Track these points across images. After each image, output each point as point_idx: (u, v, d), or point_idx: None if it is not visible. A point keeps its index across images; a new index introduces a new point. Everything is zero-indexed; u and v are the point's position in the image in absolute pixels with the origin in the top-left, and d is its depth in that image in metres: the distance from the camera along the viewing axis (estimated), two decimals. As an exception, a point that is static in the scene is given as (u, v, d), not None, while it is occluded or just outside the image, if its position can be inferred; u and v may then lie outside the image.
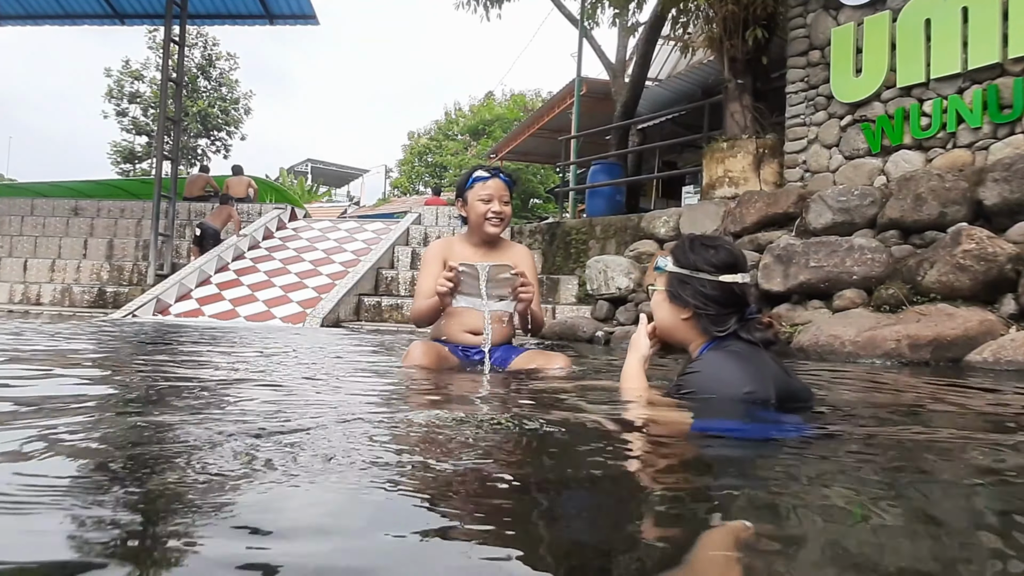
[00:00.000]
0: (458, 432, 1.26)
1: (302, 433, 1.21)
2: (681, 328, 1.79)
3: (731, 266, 1.73)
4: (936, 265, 4.57)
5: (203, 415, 1.42)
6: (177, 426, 1.26)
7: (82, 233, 11.60)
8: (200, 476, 0.91)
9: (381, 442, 1.18)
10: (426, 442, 1.20)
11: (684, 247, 1.79)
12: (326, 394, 1.95)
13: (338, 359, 3.44)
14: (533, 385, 2.22)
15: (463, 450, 1.13)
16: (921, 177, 5.12)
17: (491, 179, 2.79)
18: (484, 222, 2.80)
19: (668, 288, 1.78)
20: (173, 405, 1.60)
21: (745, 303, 1.74)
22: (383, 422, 1.38)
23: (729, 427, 1.47)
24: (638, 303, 6.56)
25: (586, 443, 1.28)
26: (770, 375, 1.62)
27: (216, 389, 1.91)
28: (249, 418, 1.38)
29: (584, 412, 1.61)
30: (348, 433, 1.23)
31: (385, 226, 11.82)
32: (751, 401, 1.56)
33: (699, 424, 1.48)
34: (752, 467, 1.15)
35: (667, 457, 1.22)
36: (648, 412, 1.65)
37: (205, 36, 29.38)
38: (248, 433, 1.19)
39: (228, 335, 5.12)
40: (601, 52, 13.64)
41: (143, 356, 3.18)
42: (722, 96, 7.81)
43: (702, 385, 1.63)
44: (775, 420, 1.53)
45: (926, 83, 5.93)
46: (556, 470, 1.08)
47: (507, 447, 1.19)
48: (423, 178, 35.36)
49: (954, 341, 4.11)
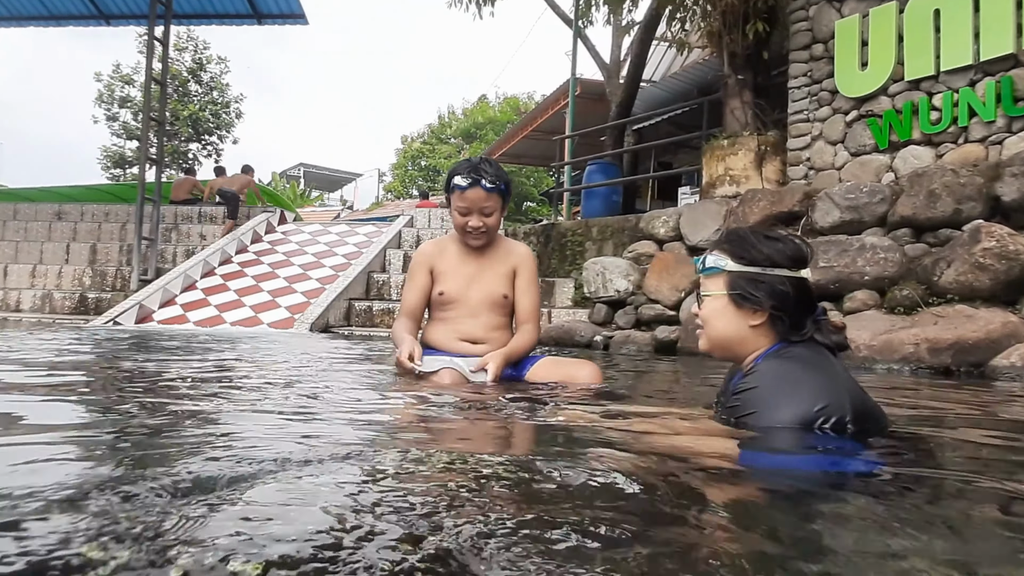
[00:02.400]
0: (467, 481, 0.99)
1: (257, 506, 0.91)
2: (747, 337, 1.52)
3: (803, 260, 1.49)
4: (953, 264, 4.34)
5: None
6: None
7: (65, 238, 11.29)
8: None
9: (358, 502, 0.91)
10: (442, 496, 0.90)
11: (748, 241, 1.52)
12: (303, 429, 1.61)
13: (324, 372, 3.17)
14: (553, 406, 1.87)
15: (468, 510, 0.85)
16: (934, 173, 4.89)
17: (469, 189, 2.42)
18: (464, 235, 2.53)
19: (733, 291, 1.52)
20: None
21: (815, 303, 1.50)
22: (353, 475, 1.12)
23: (790, 460, 1.20)
24: (637, 306, 6.32)
25: (594, 491, 1.02)
26: (845, 387, 1.37)
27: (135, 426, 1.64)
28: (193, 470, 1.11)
29: (612, 447, 1.33)
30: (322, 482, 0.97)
31: (377, 229, 11.56)
32: (823, 421, 1.31)
33: (750, 456, 1.20)
34: (813, 523, 0.89)
35: (697, 504, 0.96)
36: (681, 442, 1.36)
37: (196, 40, 29.06)
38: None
39: (204, 342, 4.85)
40: (595, 52, 13.42)
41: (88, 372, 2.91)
42: (721, 93, 7.58)
43: (764, 403, 1.36)
44: (852, 451, 1.26)
45: (936, 76, 5.71)
46: (550, 519, 0.82)
47: (520, 495, 0.94)
48: (416, 182, 35.08)
49: (976, 344, 3.88)
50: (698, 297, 1.65)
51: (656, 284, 6.20)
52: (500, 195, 2.48)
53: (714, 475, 1.09)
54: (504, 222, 2.69)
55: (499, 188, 2.46)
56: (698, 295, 1.65)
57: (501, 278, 2.56)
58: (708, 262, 1.58)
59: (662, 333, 5.62)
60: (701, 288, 1.64)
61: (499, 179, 2.45)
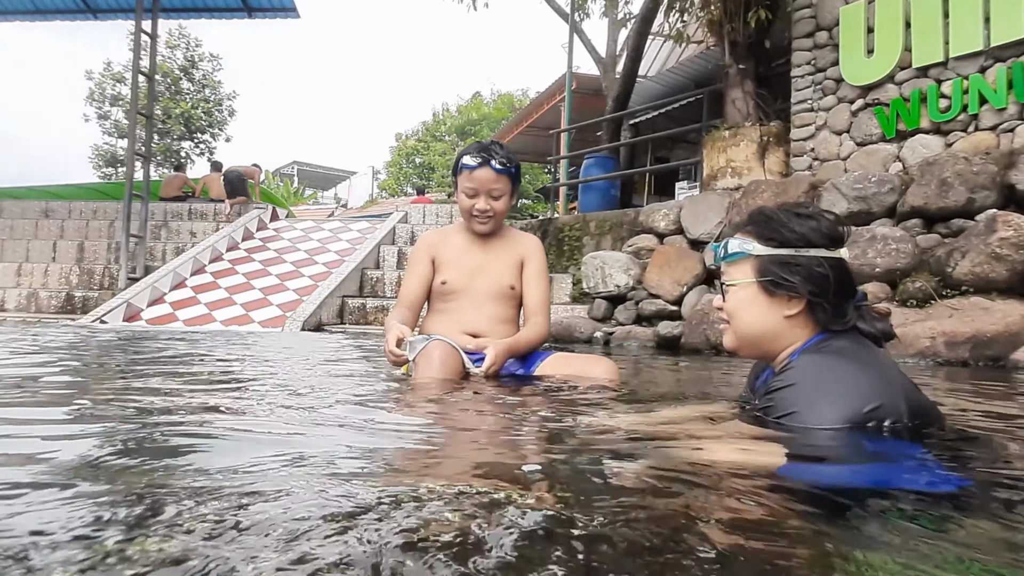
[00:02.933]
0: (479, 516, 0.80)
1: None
2: (782, 330, 1.33)
3: (840, 238, 1.31)
4: (968, 255, 4.18)
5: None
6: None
7: (52, 235, 11.05)
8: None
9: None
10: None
11: (777, 220, 1.33)
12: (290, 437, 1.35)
13: (310, 372, 2.99)
14: (570, 407, 1.68)
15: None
16: (946, 161, 4.73)
17: (478, 169, 2.31)
18: (471, 218, 2.38)
19: (763, 278, 1.32)
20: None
21: (856, 285, 1.32)
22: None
23: (841, 472, 1.01)
24: (638, 301, 6.15)
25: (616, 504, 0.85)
26: (898, 382, 1.19)
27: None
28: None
29: (631, 456, 1.15)
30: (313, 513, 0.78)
31: (371, 225, 11.36)
32: (876, 424, 1.13)
33: (794, 469, 1.02)
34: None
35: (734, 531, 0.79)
36: (716, 453, 1.15)
37: (187, 37, 28.75)
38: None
39: (186, 342, 4.66)
40: (591, 46, 13.24)
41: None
42: (722, 83, 7.41)
43: (805, 402, 1.18)
44: (919, 460, 1.07)
45: (944, 62, 5.54)
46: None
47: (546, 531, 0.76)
48: (411, 179, 34.85)
49: (995, 338, 3.72)
50: (721, 288, 1.46)
51: (657, 279, 6.03)
52: (510, 178, 2.35)
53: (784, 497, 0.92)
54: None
55: (509, 170, 2.34)
56: (721, 286, 1.46)
57: (508, 268, 2.41)
58: (731, 247, 1.39)
59: (665, 329, 5.45)
60: (724, 278, 1.45)
61: (510, 161, 2.34)
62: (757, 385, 1.58)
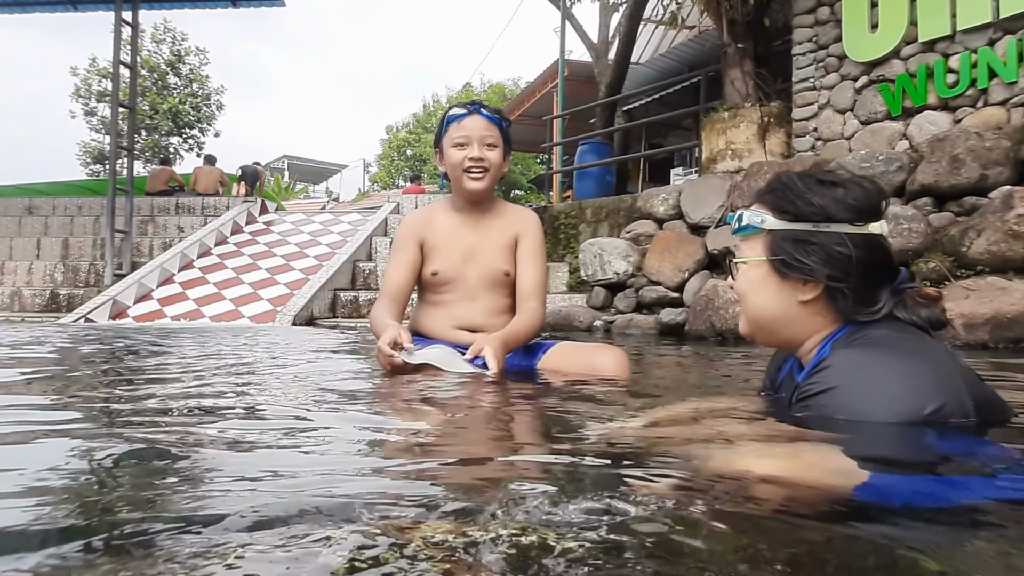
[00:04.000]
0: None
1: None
2: (798, 317, 1.15)
3: (876, 210, 1.10)
4: (984, 233, 4.02)
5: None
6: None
7: (35, 233, 10.80)
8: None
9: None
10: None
11: (793, 189, 1.13)
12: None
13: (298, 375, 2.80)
14: (578, 409, 1.46)
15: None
16: (957, 137, 4.56)
17: (467, 116, 2.13)
18: (463, 175, 2.13)
19: (774, 256, 1.14)
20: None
21: (895, 267, 1.12)
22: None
23: (935, 488, 0.83)
24: (638, 288, 5.98)
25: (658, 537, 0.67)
26: (960, 376, 1.01)
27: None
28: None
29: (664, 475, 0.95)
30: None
31: (362, 217, 11.15)
32: (940, 425, 0.95)
33: (876, 486, 0.83)
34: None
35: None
36: (780, 463, 0.93)
37: (173, 31, 28.34)
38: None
39: (171, 340, 4.47)
40: (583, 32, 13.04)
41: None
42: (721, 64, 7.22)
43: (850, 412, 1.00)
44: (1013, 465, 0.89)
45: (952, 36, 5.37)
46: None
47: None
48: (403, 172, 34.57)
49: (1016, 319, 3.57)
50: (729, 266, 1.28)
51: (657, 265, 5.86)
52: (500, 131, 2.17)
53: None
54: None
55: (500, 123, 2.17)
56: (729, 263, 1.28)
57: (502, 251, 2.18)
58: (744, 219, 1.20)
59: (667, 316, 5.28)
60: (736, 253, 1.27)
61: (499, 114, 2.19)
62: (779, 379, 1.40)
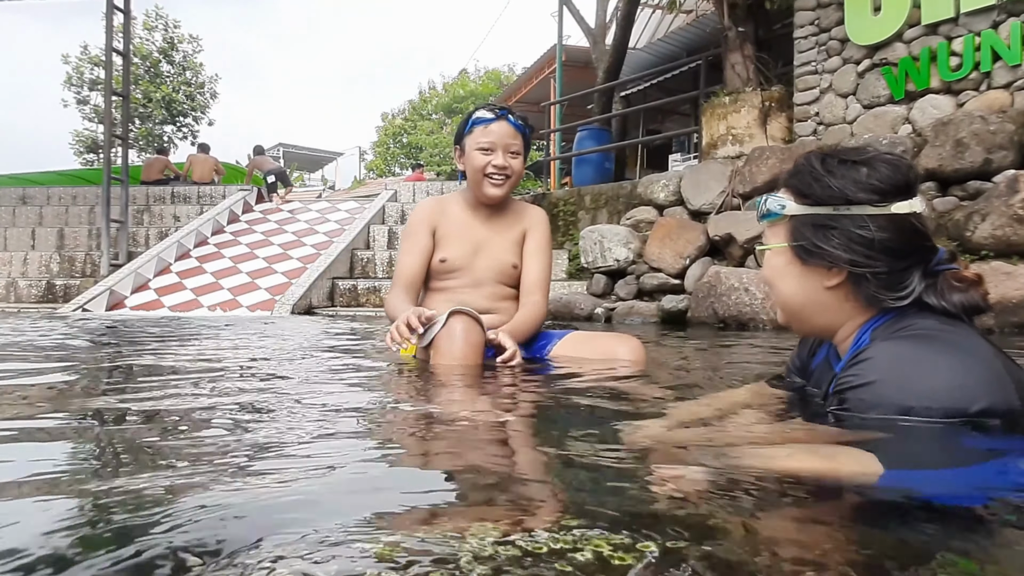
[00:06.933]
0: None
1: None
2: (827, 304, 1.12)
3: (904, 188, 1.05)
4: (989, 217, 3.99)
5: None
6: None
7: (30, 223, 10.72)
8: None
9: None
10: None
11: (812, 172, 1.10)
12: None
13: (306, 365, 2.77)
14: (600, 405, 1.44)
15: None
16: (961, 120, 4.52)
17: (495, 122, 2.13)
18: (483, 179, 2.15)
19: (796, 242, 1.11)
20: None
21: (931, 247, 1.08)
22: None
23: (976, 490, 0.80)
24: (639, 275, 5.95)
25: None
26: (1008, 372, 0.97)
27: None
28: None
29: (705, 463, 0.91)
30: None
31: (359, 205, 11.09)
32: (986, 425, 0.91)
33: (898, 477, 0.80)
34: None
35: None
36: (798, 460, 0.90)
37: (165, 18, 28.05)
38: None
39: (167, 331, 4.43)
40: (580, 17, 12.92)
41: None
42: (721, 48, 7.16)
43: (889, 403, 0.96)
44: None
45: (955, 18, 5.31)
46: None
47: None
48: (398, 159, 34.41)
49: (1021, 303, 3.56)
50: (756, 254, 1.25)
51: (658, 251, 5.82)
52: (524, 140, 2.20)
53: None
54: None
55: (524, 130, 2.19)
56: (756, 251, 1.25)
57: (511, 245, 2.25)
58: (768, 205, 1.17)
59: (669, 303, 5.25)
60: (762, 239, 1.24)
61: (524, 120, 2.21)
62: (813, 364, 1.36)
